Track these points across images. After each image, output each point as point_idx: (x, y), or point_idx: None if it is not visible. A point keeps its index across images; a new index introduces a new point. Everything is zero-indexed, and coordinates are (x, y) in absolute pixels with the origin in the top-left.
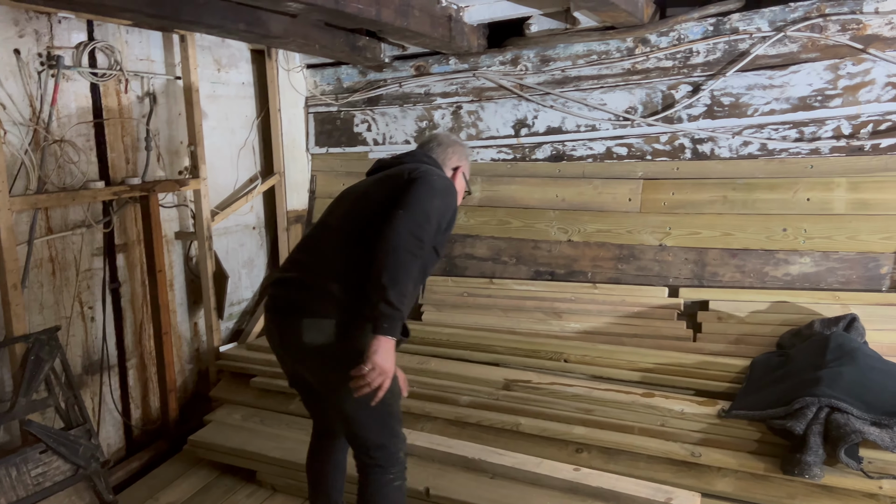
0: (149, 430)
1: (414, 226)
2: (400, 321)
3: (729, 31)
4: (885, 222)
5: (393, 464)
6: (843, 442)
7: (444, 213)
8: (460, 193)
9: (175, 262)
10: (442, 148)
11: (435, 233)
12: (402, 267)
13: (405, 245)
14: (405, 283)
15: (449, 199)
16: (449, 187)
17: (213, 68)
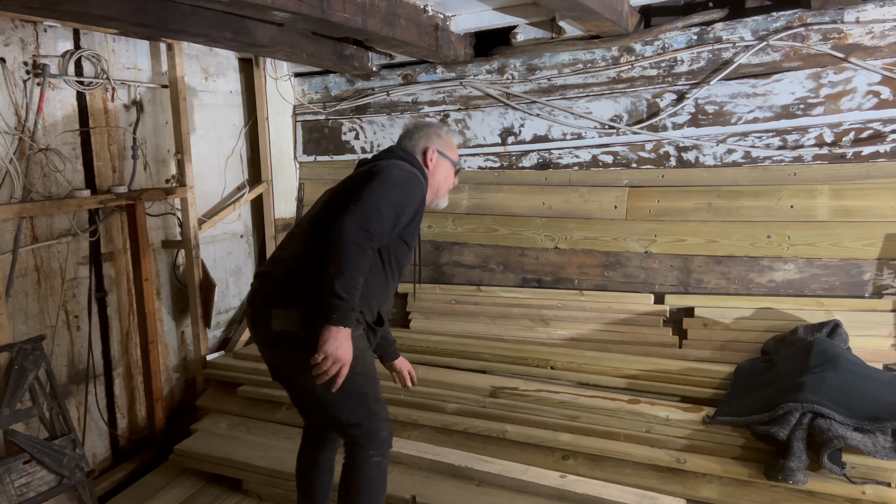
0: (135, 440)
1: (361, 219)
2: (349, 311)
3: (712, 40)
4: (867, 229)
5: (372, 441)
6: (826, 447)
7: (403, 203)
8: (438, 172)
9: (162, 270)
10: (409, 136)
11: (393, 224)
12: (348, 259)
13: (351, 237)
14: (351, 274)
15: (408, 189)
16: (409, 178)
17: (201, 77)
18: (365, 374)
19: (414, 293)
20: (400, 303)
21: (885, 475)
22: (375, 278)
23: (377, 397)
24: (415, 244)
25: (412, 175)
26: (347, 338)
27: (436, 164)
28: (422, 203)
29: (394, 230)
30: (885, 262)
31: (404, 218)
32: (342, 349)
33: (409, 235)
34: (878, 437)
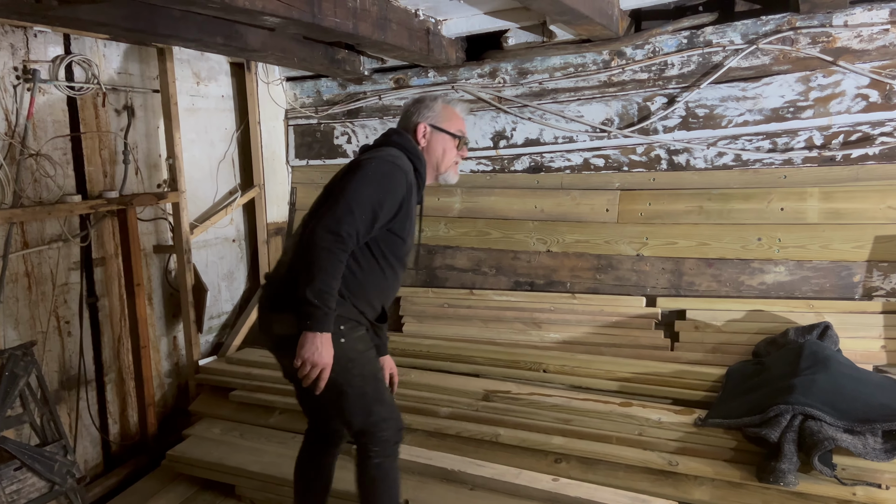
0: (127, 446)
1: (331, 221)
2: (323, 316)
3: (702, 43)
4: (856, 231)
5: (373, 443)
6: (817, 449)
7: (381, 199)
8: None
9: (154, 275)
10: (404, 117)
11: (370, 222)
12: (318, 265)
13: (319, 242)
14: (322, 279)
15: (386, 183)
16: (387, 172)
17: (192, 81)
18: (363, 376)
19: (404, 295)
20: (393, 306)
21: (875, 476)
22: (370, 275)
23: (378, 398)
24: (410, 235)
25: (391, 167)
26: (325, 342)
27: (430, 140)
28: (408, 194)
29: (374, 227)
30: (875, 263)
31: (385, 213)
32: (318, 354)
33: (398, 228)
34: (868, 439)
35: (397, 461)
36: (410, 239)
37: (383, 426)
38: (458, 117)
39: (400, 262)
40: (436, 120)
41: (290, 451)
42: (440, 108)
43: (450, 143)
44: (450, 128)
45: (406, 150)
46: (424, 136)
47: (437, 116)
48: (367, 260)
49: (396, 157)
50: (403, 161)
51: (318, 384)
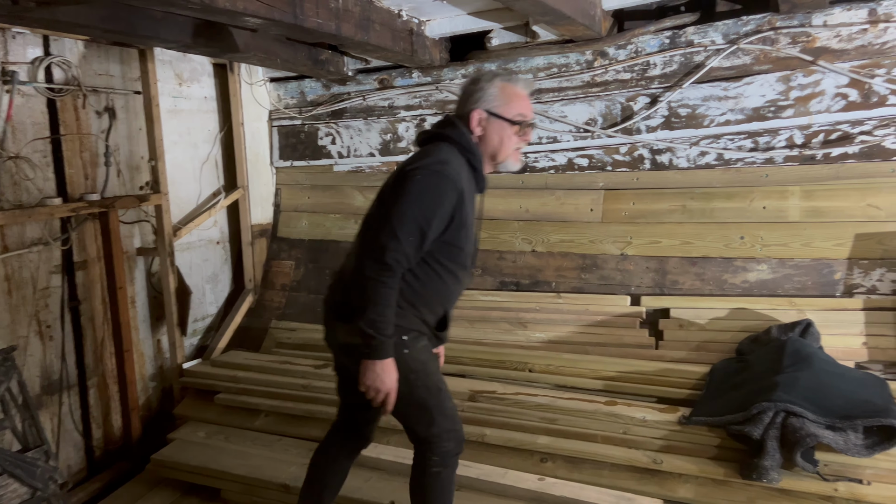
0: (111, 450)
1: (377, 251)
2: (380, 344)
3: (684, 43)
4: (837, 229)
5: (434, 453)
6: (799, 446)
7: (429, 217)
8: (491, 136)
9: (137, 278)
10: (460, 101)
11: (419, 241)
12: (368, 297)
13: (366, 273)
14: (372, 310)
15: (433, 198)
16: (433, 185)
17: (175, 83)
18: (427, 388)
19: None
20: None
21: (857, 472)
22: (429, 284)
23: (441, 409)
24: (468, 240)
25: (437, 179)
26: (386, 368)
27: (486, 129)
28: (459, 203)
29: (424, 244)
30: (855, 261)
31: (434, 229)
32: (380, 380)
33: (453, 238)
34: (849, 435)
35: (455, 472)
36: (469, 243)
37: (445, 437)
38: (519, 97)
39: (461, 267)
40: (492, 104)
41: (276, 453)
42: (497, 89)
43: (508, 129)
44: (508, 112)
45: (459, 146)
46: (480, 124)
47: (493, 100)
48: (425, 271)
49: (444, 162)
50: (453, 165)
51: (386, 407)
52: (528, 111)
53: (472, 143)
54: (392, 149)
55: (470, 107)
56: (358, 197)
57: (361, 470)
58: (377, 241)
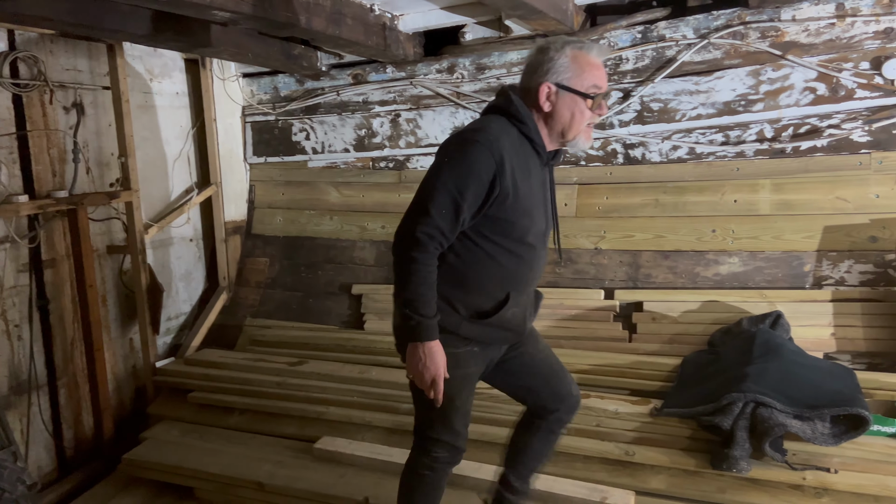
0: (82, 451)
1: (408, 225)
2: (418, 325)
3: (656, 38)
4: (806, 222)
5: (425, 452)
6: (768, 435)
7: (460, 185)
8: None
9: (108, 276)
10: (525, 72)
11: (455, 213)
12: (401, 273)
13: (400, 250)
14: (407, 288)
15: (464, 166)
16: (464, 153)
17: (146, 78)
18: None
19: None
20: (354, 304)
21: (824, 461)
22: (478, 266)
23: (446, 419)
24: (528, 213)
25: (468, 146)
26: (430, 352)
27: (555, 104)
28: (500, 169)
29: (460, 218)
30: (824, 253)
31: (471, 200)
32: (423, 364)
33: (502, 210)
34: (816, 424)
35: (445, 478)
36: (530, 217)
37: (439, 445)
38: (592, 66)
39: (521, 244)
40: (562, 76)
41: (250, 451)
42: (568, 59)
43: (581, 104)
44: (580, 85)
45: (507, 114)
46: (549, 98)
47: (564, 71)
48: (470, 250)
49: (480, 130)
50: (491, 132)
51: (435, 395)
52: (602, 82)
53: (522, 111)
54: (367, 144)
55: (538, 80)
56: (333, 193)
57: (336, 466)
58: (408, 217)
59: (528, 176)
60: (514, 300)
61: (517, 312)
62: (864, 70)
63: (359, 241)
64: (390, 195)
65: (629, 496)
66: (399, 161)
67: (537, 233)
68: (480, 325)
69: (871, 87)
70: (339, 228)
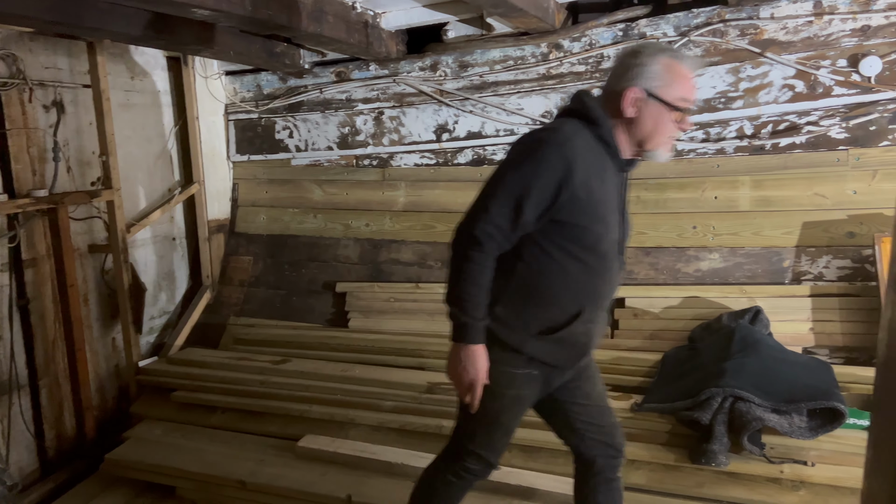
0: (64, 450)
1: (467, 220)
2: (463, 327)
3: (637, 36)
4: (785, 218)
5: (455, 459)
6: (746, 429)
7: (526, 184)
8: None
9: (89, 276)
10: (613, 75)
11: (516, 214)
12: (452, 269)
13: (454, 245)
14: (458, 285)
15: (532, 164)
16: (533, 151)
17: (127, 76)
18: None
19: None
20: (338, 302)
21: (801, 454)
22: (547, 276)
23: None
24: (603, 220)
25: (538, 144)
26: (471, 356)
27: (640, 111)
28: (568, 173)
29: (521, 219)
30: (803, 249)
31: (535, 201)
32: (463, 367)
33: (572, 215)
34: (793, 418)
35: (466, 490)
36: (604, 224)
37: (475, 458)
38: (683, 78)
39: (593, 254)
40: (652, 84)
41: (233, 450)
42: (662, 67)
43: (666, 115)
44: (669, 95)
45: (582, 116)
46: (634, 104)
47: (655, 79)
48: (538, 258)
49: (552, 129)
50: (563, 133)
51: (473, 402)
52: (691, 95)
53: (597, 113)
54: (350, 142)
55: (625, 84)
56: (316, 191)
57: (319, 464)
58: (469, 214)
59: (602, 181)
60: (587, 315)
61: (588, 329)
62: (841, 67)
63: (343, 238)
64: (374, 193)
65: None
66: (383, 159)
67: (611, 241)
68: (547, 341)
69: (849, 84)
70: (322, 226)
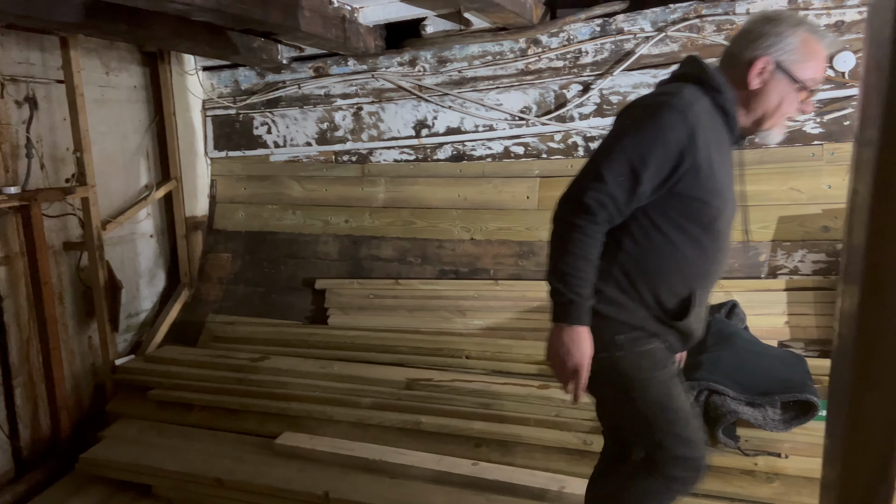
0: (40, 450)
1: (575, 188)
2: (569, 304)
3: (615, 31)
4: (762, 212)
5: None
6: (721, 422)
7: (643, 152)
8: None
9: (64, 273)
10: (738, 40)
11: (632, 184)
12: (557, 240)
13: (560, 214)
14: (563, 258)
15: (651, 131)
16: (652, 116)
17: (101, 71)
18: (649, 403)
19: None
20: (318, 299)
21: (775, 446)
22: (659, 253)
23: (670, 430)
24: (720, 194)
25: (658, 108)
26: (575, 338)
27: (766, 84)
28: (690, 141)
29: (638, 190)
30: (779, 243)
31: (653, 171)
32: (565, 350)
33: (690, 188)
34: (767, 411)
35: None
36: (723, 199)
37: (673, 463)
38: (819, 57)
39: (708, 232)
40: (788, 57)
41: (210, 447)
42: (800, 41)
43: (793, 93)
44: (803, 74)
45: (701, 82)
46: (761, 74)
47: (790, 52)
48: (650, 233)
49: (673, 94)
50: (684, 98)
51: (576, 391)
52: (820, 77)
53: (720, 81)
54: (329, 137)
55: (755, 52)
56: (295, 187)
57: (297, 461)
58: (577, 181)
59: (720, 152)
60: (699, 299)
61: (698, 313)
62: None
63: (322, 235)
64: (353, 189)
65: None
66: (362, 154)
67: (728, 218)
68: (663, 326)
69: (823, 79)
70: (302, 223)
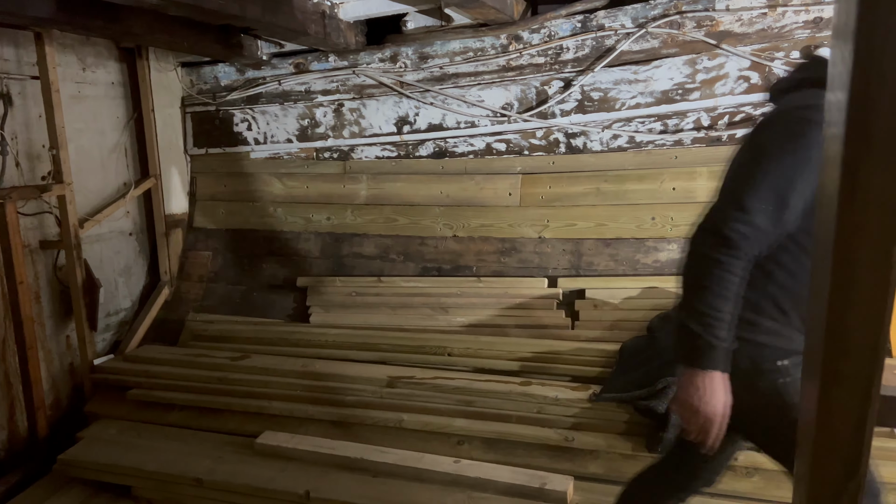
0: (17, 452)
1: (715, 218)
2: (706, 348)
3: (595, 27)
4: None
5: None
6: None
7: (792, 176)
8: None
9: (41, 272)
10: None
11: (779, 212)
12: (694, 276)
13: (697, 248)
14: (701, 297)
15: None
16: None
17: (78, 67)
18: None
19: None
20: (300, 297)
21: None
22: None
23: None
24: None
25: (804, 125)
26: (715, 385)
27: None
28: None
29: (784, 218)
30: None
31: (799, 195)
32: (701, 398)
33: None
34: None
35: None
36: None
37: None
38: None
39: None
40: None
41: (190, 447)
42: None
43: None
44: None
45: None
46: None
47: None
48: (800, 258)
49: (814, 105)
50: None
51: (706, 441)
52: None
53: None
54: (310, 134)
55: None
56: (276, 184)
57: (278, 461)
58: (716, 209)
59: None
60: None
61: None
62: (795, 59)
63: (303, 232)
64: (335, 186)
65: (568, 481)
66: (343, 151)
67: None
68: None
69: None
70: (283, 220)
